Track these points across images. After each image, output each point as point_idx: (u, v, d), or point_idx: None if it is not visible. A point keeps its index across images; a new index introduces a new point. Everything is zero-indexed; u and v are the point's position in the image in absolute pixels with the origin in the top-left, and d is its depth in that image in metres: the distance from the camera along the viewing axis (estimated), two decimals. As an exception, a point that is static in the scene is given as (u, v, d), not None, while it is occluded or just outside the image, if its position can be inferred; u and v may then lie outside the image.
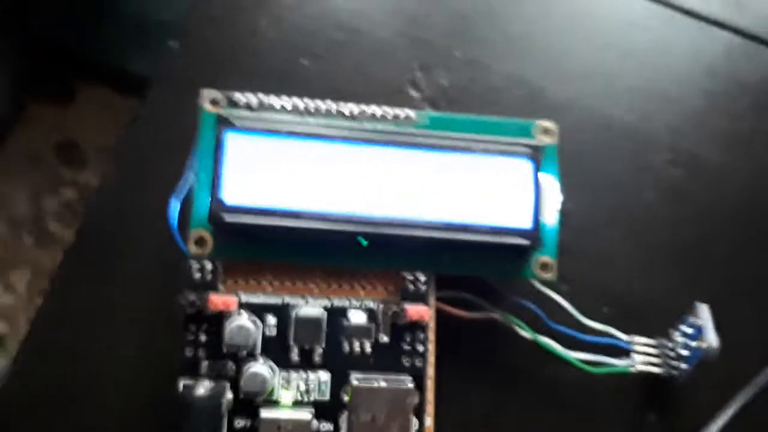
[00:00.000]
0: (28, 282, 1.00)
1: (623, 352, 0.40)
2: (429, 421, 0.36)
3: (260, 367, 0.35)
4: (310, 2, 0.45)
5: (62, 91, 1.06)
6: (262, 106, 0.37)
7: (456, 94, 0.44)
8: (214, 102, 0.37)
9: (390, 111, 0.38)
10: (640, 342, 0.40)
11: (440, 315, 0.38)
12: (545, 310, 0.39)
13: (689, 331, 0.39)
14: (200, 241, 0.36)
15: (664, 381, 0.40)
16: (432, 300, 0.37)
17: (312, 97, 0.38)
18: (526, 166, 0.37)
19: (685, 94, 0.45)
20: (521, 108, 0.44)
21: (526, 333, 0.39)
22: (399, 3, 0.46)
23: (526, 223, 0.36)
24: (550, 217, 0.37)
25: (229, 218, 0.35)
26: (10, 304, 0.98)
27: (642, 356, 0.40)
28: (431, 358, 0.36)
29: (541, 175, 0.37)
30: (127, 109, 1.01)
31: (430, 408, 0.36)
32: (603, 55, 0.46)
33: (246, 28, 0.45)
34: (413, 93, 0.44)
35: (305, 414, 0.35)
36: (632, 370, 0.40)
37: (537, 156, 0.36)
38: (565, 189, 0.38)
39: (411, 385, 0.35)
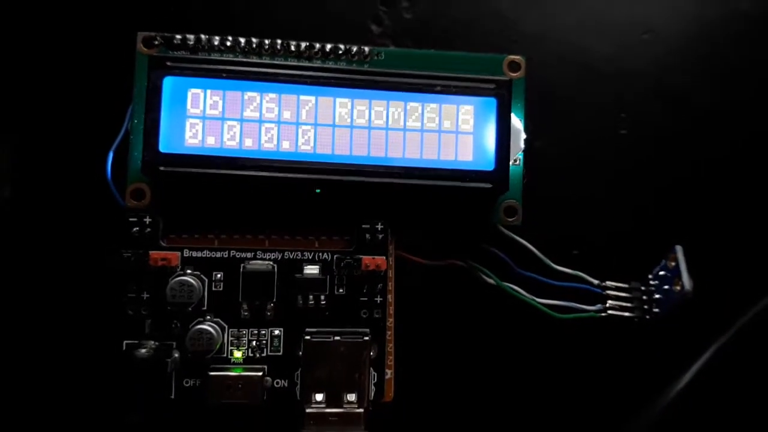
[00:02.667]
0: None
1: (595, 297, 0.38)
2: (389, 373, 0.34)
3: (205, 324, 0.32)
4: None
5: None
6: (200, 46, 0.34)
7: (420, 28, 0.41)
8: (148, 43, 0.34)
9: (342, 47, 0.35)
10: (611, 286, 0.38)
11: (400, 263, 0.36)
12: (513, 256, 0.37)
13: (663, 273, 0.37)
14: (137, 194, 0.34)
15: (637, 325, 0.38)
16: (390, 249, 0.34)
17: (260, 35, 0.36)
18: (489, 104, 0.34)
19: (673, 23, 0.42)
20: (492, 43, 0.41)
21: (490, 279, 0.37)
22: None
23: (489, 165, 0.34)
24: (515, 159, 0.35)
25: (165, 168, 0.32)
26: None
27: (614, 301, 0.38)
28: (390, 309, 0.34)
29: (505, 114, 0.34)
30: None
31: (390, 360, 0.34)
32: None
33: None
34: (374, 28, 0.40)
35: (256, 371, 0.32)
36: (602, 315, 0.37)
37: (503, 94, 0.34)
38: (533, 127, 0.36)
39: (367, 337, 0.33)
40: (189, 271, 0.33)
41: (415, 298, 0.36)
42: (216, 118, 0.33)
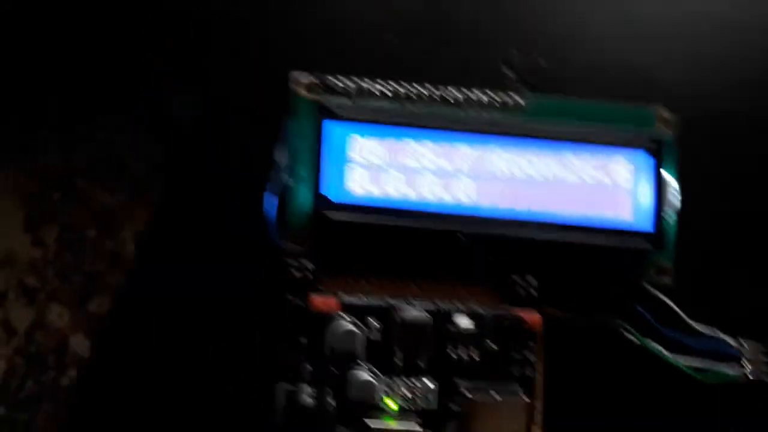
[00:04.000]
0: (56, 237, 0.99)
1: (731, 357, 0.38)
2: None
3: (367, 374, 0.32)
4: None
5: None
6: (359, 92, 0.35)
7: (553, 74, 0.41)
8: (308, 87, 0.34)
9: (497, 97, 0.35)
10: (750, 348, 0.38)
11: (544, 317, 0.35)
12: (652, 311, 0.37)
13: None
14: (299, 238, 0.34)
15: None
16: (540, 305, 0.34)
17: (403, 77, 0.36)
18: (646, 160, 0.34)
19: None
20: (623, 89, 0.41)
21: (632, 338, 0.37)
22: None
23: (647, 225, 0.34)
24: (669, 218, 0.35)
25: (334, 216, 0.33)
26: (39, 258, 0.98)
27: (753, 364, 0.38)
28: (540, 367, 0.34)
29: (661, 171, 0.34)
30: None
31: (539, 417, 0.34)
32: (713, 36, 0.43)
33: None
34: (508, 71, 0.41)
35: (413, 425, 0.32)
36: (743, 379, 0.37)
37: (658, 150, 0.34)
38: (684, 185, 0.36)
39: (524, 397, 0.33)
40: (347, 318, 0.33)
41: (561, 354, 0.36)
42: (377, 166, 0.34)
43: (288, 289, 0.33)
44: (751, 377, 0.37)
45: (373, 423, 0.32)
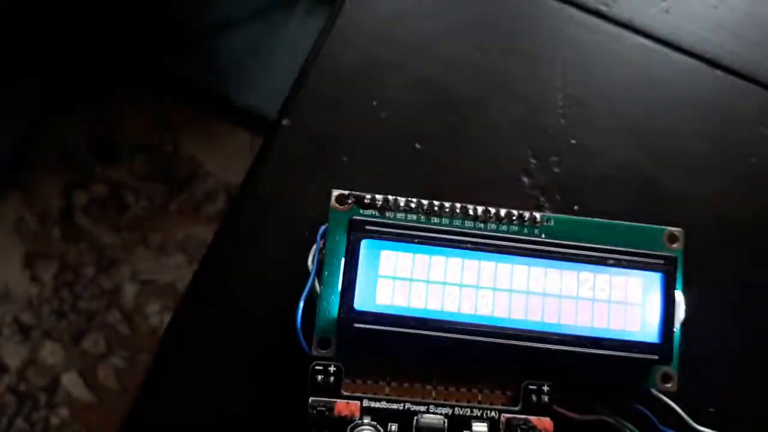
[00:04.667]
0: (54, 274, 0.99)
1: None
2: None
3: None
4: (423, 87, 0.44)
5: (101, 89, 1.07)
6: (387, 206, 0.37)
7: (568, 182, 0.43)
8: (341, 200, 0.36)
9: (515, 213, 0.37)
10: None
11: (554, 416, 0.37)
12: (655, 411, 0.39)
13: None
14: (324, 343, 0.35)
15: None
16: (552, 412, 0.36)
17: (426, 180, 0.40)
18: (656, 279, 0.36)
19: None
20: (636, 198, 0.43)
21: (638, 438, 0.39)
22: (515, 86, 0.44)
23: (654, 338, 0.36)
24: (675, 331, 0.37)
25: (359, 325, 0.35)
26: (36, 295, 0.98)
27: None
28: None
29: (672, 289, 0.36)
30: (165, 110, 1.01)
31: None
32: (722, 149, 0.45)
33: (357, 109, 0.44)
34: (525, 180, 0.42)
35: None
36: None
37: (670, 269, 0.36)
38: (689, 299, 0.38)
39: None
40: (367, 421, 0.34)
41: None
42: (405, 279, 0.35)
43: (313, 393, 0.34)
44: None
45: None
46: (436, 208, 0.37)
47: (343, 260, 0.35)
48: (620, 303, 0.36)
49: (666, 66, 0.46)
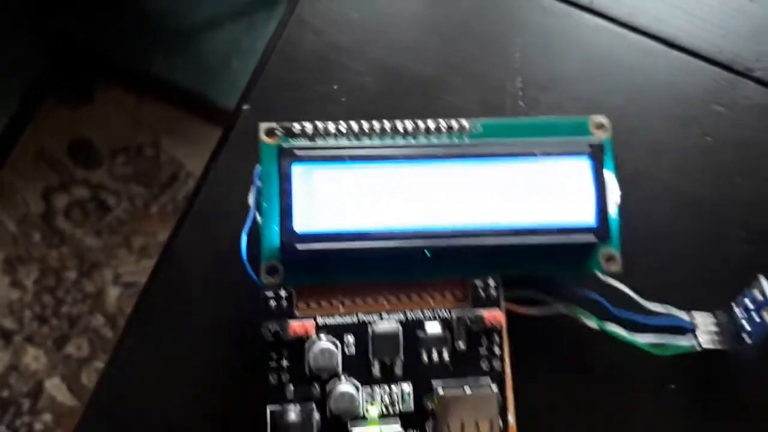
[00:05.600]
0: (35, 279, 1.01)
1: (686, 330, 0.41)
2: (512, 419, 0.37)
3: (346, 386, 0.35)
4: (382, 71, 0.46)
5: (80, 91, 1.07)
6: (317, 133, 0.38)
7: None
8: (270, 133, 0.37)
9: (443, 123, 0.38)
10: (701, 320, 0.41)
11: (508, 314, 0.38)
12: (606, 296, 0.40)
13: (751, 305, 0.40)
14: (272, 271, 0.37)
15: (730, 357, 0.41)
16: (502, 302, 0.37)
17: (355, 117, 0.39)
18: (585, 163, 0.37)
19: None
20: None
21: (592, 323, 0.40)
22: (474, 70, 0.47)
23: (591, 220, 0.37)
24: (612, 211, 0.38)
25: (301, 246, 0.35)
26: (17, 300, 0.99)
27: (705, 334, 0.41)
28: (507, 360, 0.37)
29: (601, 171, 0.37)
30: (145, 112, 1.03)
31: (511, 407, 0.37)
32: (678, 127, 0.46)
33: (317, 93, 0.46)
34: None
35: (395, 426, 0.35)
36: (697, 349, 0.40)
37: (597, 153, 0.37)
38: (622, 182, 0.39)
39: (494, 388, 0.36)
40: (324, 337, 0.36)
41: (526, 347, 0.39)
42: (341, 198, 0.36)
43: (267, 319, 0.36)
44: (703, 347, 0.40)
45: (356, 428, 0.35)
46: (365, 129, 0.38)
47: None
48: (552, 192, 0.37)
49: (624, 47, 0.47)
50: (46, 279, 1.02)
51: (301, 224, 0.35)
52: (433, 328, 0.37)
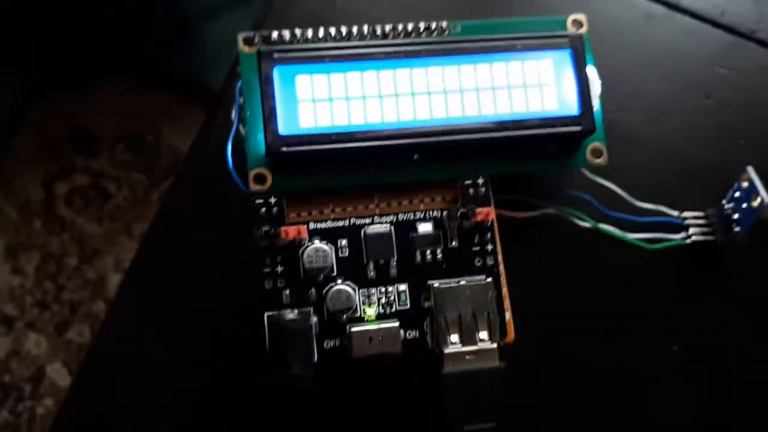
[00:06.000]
0: (36, 265, 1.00)
1: (677, 227, 0.41)
2: (508, 315, 0.37)
3: (342, 285, 0.35)
4: None
5: (81, 79, 1.05)
6: (296, 40, 0.38)
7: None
8: (248, 42, 0.37)
9: (423, 25, 0.38)
10: (690, 215, 0.41)
11: (498, 218, 0.38)
12: (598, 198, 0.41)
13: (740, 194, 0.40)
14: (260, 178, 0.36)
15: (721, 248, 0.41)
16: (491, 200, 0.37)
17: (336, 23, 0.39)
18: (566, 56, 0.37)
19: None
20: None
21: (585, 222, 0.40)
22: None
23: (574, 110, 0.37)
24: (594, 104, 0.38)
25: (286, 149, 0.35)
26: (18, 286, 0.99)
27: (695, 228, 0.41)
28: (500, 256, 0.37)
29: (583, 63, 0.37)
30: (145, 100, 1.03)
31: (507, 303, 0.37)
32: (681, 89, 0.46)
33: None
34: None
35: (393, 323, 0.35)
36: (687, 242, 0.41)
37: (577, 45, 0.37)
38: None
39: (489, 280, 0.36)
40: (317, 240, 0.36)
41: (517, 249, 0.39)
42: (324, 99, 0.36)
43: (259, 226, 0.36)
44: (694, 239, 0.40)
45: (354, 327, 0.35)
46: (344, 34, 0.38)
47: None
48: (535, 85, 0.37)
49: (626, 9, 0.47)
50: (47, 265, 1.01)
51: (285, 127, 0.35)
52: (425, 227, 0.37)
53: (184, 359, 0.40)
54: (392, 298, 0.36)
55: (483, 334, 0.35)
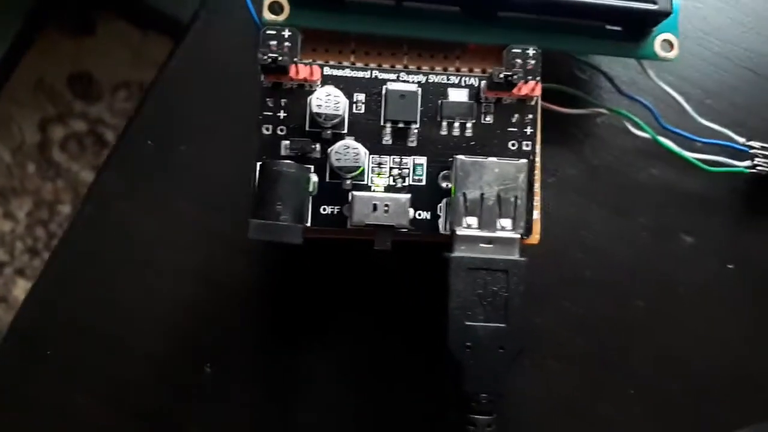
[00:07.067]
0: (28, 211, 0.97)
1: (741, 155, 0.36)
2: (536, 215, 0.31)
3: (351, 141, 0.30)
4: None
5: (83, 21, 1.00)
6: None
7: None
8: None
9: None
10: (758, 145, 0.36)
11: (542, 112, 0.33)
12: (657, 107, 0.35)
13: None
14: (276, 7, 0.31)
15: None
16: (539, 77, 0.32)
17: None
18: None
19: None
20: None
21: (641, 131, 0.35)
22: None
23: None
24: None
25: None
26: (8, 231, 0.96)
27: (762, 159, 0.35)
28: (539, 145, 0.32)
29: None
30: (148, 47, 0.99)
31: (537, 201, 0.31)
32: None
33: None
34: None
35: (403, 195, 0.30)
36: (751, 171, 0.35)
37: None
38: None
39: (524, 161, 0.30)
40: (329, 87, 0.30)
41: (559, 149, 0.34)
42: None
43: (268, 61, 0.30)
44: (758, 170, 0.35)
45: (359, 195, 0.30)
46: None
47: None
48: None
49: None
50: (40, 211, 0.98)
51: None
52: (458, 95, 0.31)
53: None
54: (407, 171, 0.31)
55: (505, 222, 0.30)
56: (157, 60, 0.97)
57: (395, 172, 0.31)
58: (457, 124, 0.31)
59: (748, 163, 0.35)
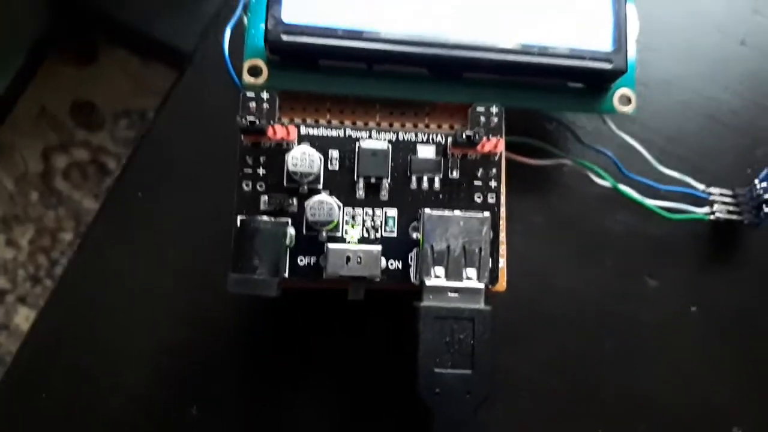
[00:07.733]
0: (30, 239, 0.98)
1: (702, 202, 0.38)
2: (502, 263, 0.33)
3: (326, 196, 0.32)
4: None
5: (84, 52, 1.03)
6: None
7: None
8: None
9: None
10: (717, 191, 0.38)
11: (507, 164, 0.35)
12: (619, 157, 0.37)
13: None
14: (255, 71, 0.33)
15: (747, 227, 0.38)
16: (503, 133, 0.33)
17: None
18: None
19: None
20: None
21: (603, 180, 0.36)
22: None
23: (608, 46, 0.33)
24: (630, 47, 0.35)
25: (287, 38, 0.32)
26: (11, 259, 0.97)
27: (722, 205, 0.37)
28: (503, 197, 0.33)
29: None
30: (149, 76, 1.01)
31: (503, 249, 0.33)
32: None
33: None
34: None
35: (375, 246, 0.32)
36: (711, 217, 0.37)
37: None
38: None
39: (487, 214, 0.32)
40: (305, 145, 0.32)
41: (524, 198, 0.36)
42: None
43: (246, 125, 0.32)
44: (717, 217, 0.37)
45: (332, 245, 0.32)
46: None
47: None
48: (569, 13, 0.34)
49: None
50: (42, 239, 0.99)
51: (289, 14, 0.32)
52: (426, 151, 0.33)
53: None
54: (379, 222, 0.33)
55: (471, 272, 0.31)
56: (158, 88, 0.99)
57: (368, 224, 0.33)
58: (425, 179, 0.33)
59: (707, 209, 0.37)
